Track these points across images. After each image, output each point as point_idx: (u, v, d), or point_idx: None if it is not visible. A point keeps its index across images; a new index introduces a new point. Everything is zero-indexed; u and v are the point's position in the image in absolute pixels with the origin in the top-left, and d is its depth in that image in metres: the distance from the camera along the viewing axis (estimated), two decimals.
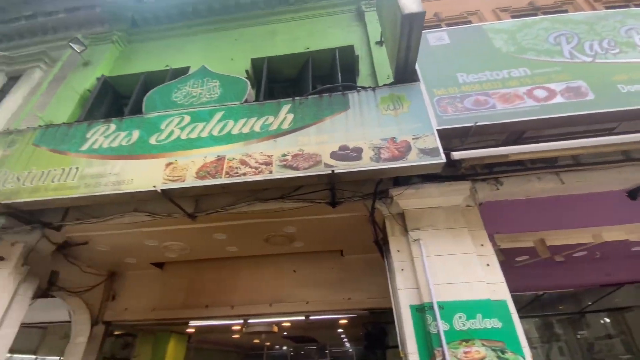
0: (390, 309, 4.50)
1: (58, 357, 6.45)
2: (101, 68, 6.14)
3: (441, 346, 2.85)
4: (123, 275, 6.37)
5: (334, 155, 3.44)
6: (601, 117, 3.58)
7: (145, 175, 3.62)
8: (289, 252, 5.84)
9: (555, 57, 4.02)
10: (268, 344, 12.86)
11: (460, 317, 2.98)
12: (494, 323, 2.93)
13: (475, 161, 3.45)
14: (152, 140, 3.89)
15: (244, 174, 3.41)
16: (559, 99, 3.58)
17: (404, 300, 3.26)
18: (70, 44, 5.61)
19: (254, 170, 3.43)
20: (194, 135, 3.80)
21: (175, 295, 5.98)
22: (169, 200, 3.80)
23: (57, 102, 5.64)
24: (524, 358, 2.87)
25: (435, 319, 2.98)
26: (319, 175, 3.40)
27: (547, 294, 8.16)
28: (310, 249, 5.75)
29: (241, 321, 6.12)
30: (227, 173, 3.45)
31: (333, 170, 3.33)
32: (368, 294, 5.48)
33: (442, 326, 2.94)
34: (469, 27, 4.61)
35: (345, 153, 3.43)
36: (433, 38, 4.41)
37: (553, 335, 9.30)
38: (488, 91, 3.71)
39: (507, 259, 4.37)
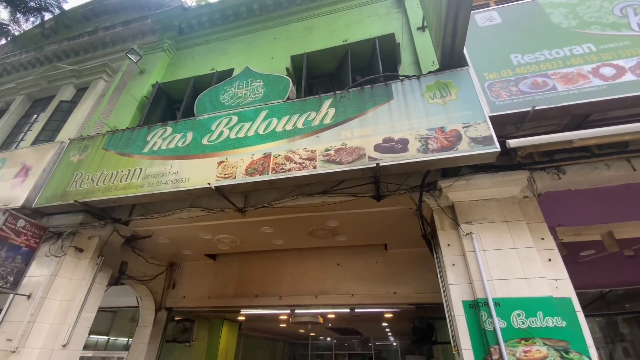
0: (438, 305, 4.39)
1: (127, 338, 7.19)
2: (155, 75, 6.64)
3: (498, 344, 2.73)
4: (181, 265, 6.93)
5: (378, 147, 3.41)
6: None
7: (199, 173, 3.88)
8: (332, 246, 5.92)
9: (623, 31, 3.57)
10: (313, 334, 13.20)
11: (519, 315, 2.82)
12: (557, 322, 2.73)
13: (534, 149, 3.20)
14: (205, 141, 4.15)
15: (289, 170, 3.51)
16: (629, 77, 3.18)
17: (456, 296, 3.16)
18: (128, 55, 6.13)
19: (298, 166, 3.51)
20: (241, 135, 3.99)
21: (227, 285, 6.38)
22: (221, 196, 4.04)
23: (119, 109, 6.22)
24: (589, 358, 2.65)
25: (490, 316, 2.86)
26: (363, 169, 3.39)
27: (613, 291, 7.38)
28: (354, 242, 5.78)
29: (288, 311, 6.36)
30: (273, 169, 3.58)
31: (378, 164, 3.30)
32: (414, 288, 5.39)
33: (499, 323, 2.81)
34: (522, 2, 4.23)
35: (390, 145, 3.37)
36: (482, 18, 4.13)
37: (617, 335, 8.39)
38: (547, 72, 3.40)
39: (570, 254, 4.02)
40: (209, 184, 3.82)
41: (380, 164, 3.32)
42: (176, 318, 6.75)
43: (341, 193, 3.99)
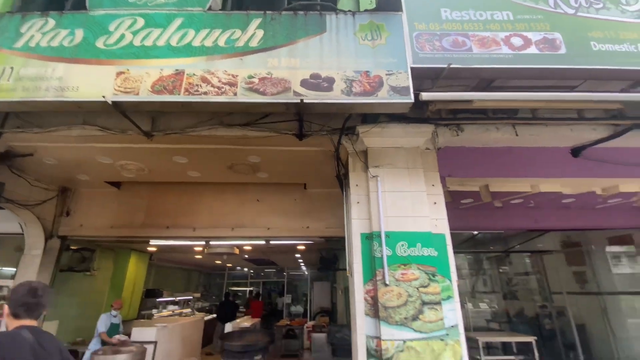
0: (343, 238, 4.89)
1: (14, 268, 6.39)
2: None
3: (383, 268, 3.21)
4: (77, 192, 6.15)
5: (304, 83, 3.29)
6: (569, 74, 3.66)
7: (92, 83, 3.25)
8: (253, 182, 5.90)
9: (540, 4, 3.90)
10: (229, 265, 13.70)
11: (402, 245, 3.32)
12: (431, 252, 3.31)
13: (441, 105, 3.50)
14: (100, 44, 3.42)
15: (205, 93, 3.19)
16: (532, 49, 3.57)
17: (356, 229, 3.53)
18: None
19: (216, 90, 3.20)
20: (148, 43, 3.38)
21: (134, 215, 5.97)
22: (122, 115, 3.53)
23: None
24: (450, 281, 3.34)
25: (380, 246, 3.30)
26: (288, 103, 3.27)
27: (481, 234, 9.29)
28: (275, 180, 5.84)
29: (203, 242, 6.36)
30: (186, 90, 3.20)
31: (302, 100, 3.21)
32: (326, 223, 5.85)
33: (386, 252, 3.27)
34: None
35: (316, 82, 3.28)
36: None
37: (481, 270, 10.90)
38: (468, 32, 3.59)
39: (454, 200, 4.78)
40: (104, 97, 3.25)
41: (305, 101, 3.24)
42: (72, 247, 6.16)
43: (264, 128, 3.86)
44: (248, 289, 15.32)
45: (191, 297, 11.68)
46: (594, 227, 5.94)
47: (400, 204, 3.50)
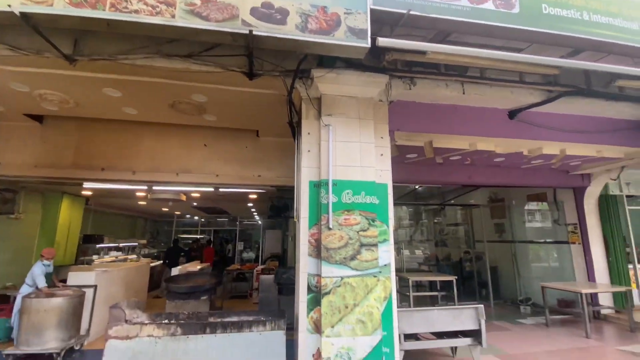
0: (294, 187, 4.93)
1: None
2: None
3: (328, 213, 3.33)
4: None
5: (254, 12, 2.97)
6: (518, 35, 3.76)
7: None
8: (200, 125, 5.53)
9: None
10: (178, 212, 13.34)
11: (347, 193, 3.44)
12: (373, 199, 3.48)
13: (398, 55, 3.44)
14: None
15: (137, 12, 2.74)
16: (489, 5, 3.58)
17: (306, 177, 3.56)
18: None
19: (150, 9, 2.76)
20: None
21: (62, 154, 5.34)
22: (36, 32, 2.94)
23: None
24: (387, 226, 3.61)
25: (327, 193, 3.39)
26: (234, 33, 2.96)
27: (422, 189, 10.08)
28: (224, 124, 5.53)
29: (145, 187, 6.00)
30: (112, 5, 2.71)
31: (251, 31, 2.92)
32: (277, 173, 5.82)
33: (332, 199, 3.38)
34: None
35: (268, 12, 2.98)
36: None
37: (419, 221, 12.01)
38: None
39: (400, 155, 5.00)
40: (9, 6, 2.66)
41: (255, 32, 2.95)
42: None
43: (209, 62, 3.51)
44: (199, 236, 15.23)
45: (136, 244, 11.33)
46: (518, 185, 6.72)
47: (349, 154, 3.55)
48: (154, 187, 6.07)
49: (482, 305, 3.88)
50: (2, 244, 6.18)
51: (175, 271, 6.14)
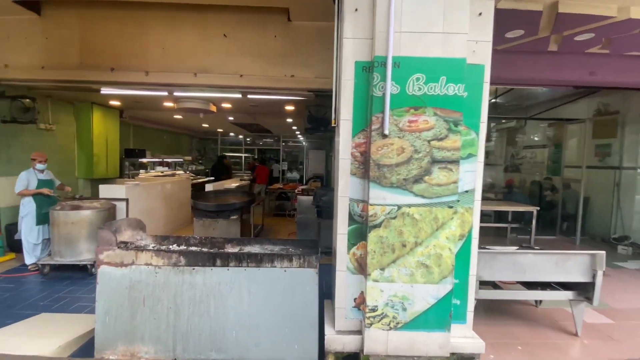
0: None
1: None
2: None
3: (383, 112, 2.15)
4: None
5: None
6: None
7: None
8: (217, 4, 4.26)
9: None
10: (220, 130, 12.96)
11: (417, 80, 2.16)
12: (458, 90, 2.17)
13: None
14: None
15: None
16: None
17: (350, 55, 2.30)
18: None
19: None
20: None
21: (66, 52, 4.58)
22: None
23: None
24: (476, 134, 2.35)
25: (384, 79, 2.15)
26: None
27: (502, 100, 7.97)
28: (247, 2, 4.19)
29: (165, 93, 5.19)
30: None
31: None
32: (315, 71, 4.53)
33: (391, 88, 2.14)
34: None
35: None
36: None
37: (489, 140, 10.02)
38: None
39: (498, 27, 3.33)
40: None
41: None
42: (8, 95, 5.04)
43: None
44: (243, 155, 15.10)
45: (181, 160, 11.38)
46: None
47: (425, 12, 2.14)
48: (176, 93, 5.24)
49: (603, 252, 2.67)
50: None
51: (209, 188, 5.68)
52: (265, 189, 9.90)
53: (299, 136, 14.00)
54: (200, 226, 4.26)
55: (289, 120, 8.75)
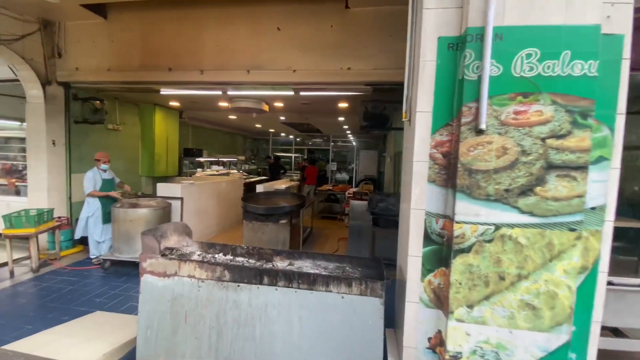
0: (397, 84, 3.19)
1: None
2: None
3: (479, 99, 1.63)
4: (63, 27, 4.93)
5: None
6: None
7: None
8: None
9: None
10: (272, 130, 13.06)
11: (529, 56, 1.60)
12: (589, 69, 1.56)
13: None
14: None
15: None
16: None
17: (431, 29, 1.81)
18: None
19: None
20: None
21: (129, 54, 4.74)
22: None
23: None
24: (611, 131, 1.70)
25: (479, 58, 1.63)
26: None
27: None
28: None
29: (219, 92, 5.14)
30: None
31: None
32: (374, 62, 4.08)
33: (490, 69, 1.61)
34: None
35: None
36: None
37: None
38: None
39: None
40: None
41: None
42: (80, 97, 5.41)
43: None
44: (293, 155, 15.10)
45: (235, 159, 11.66)
46: None
47: None
48: (229, 92, 5.16)
49: None
50: (111, 154, 6.27)
51: (260, 189, 5.54)
52: (315, 190, 9.64)
53: (349, 135, 13.55)
54: (250, 229, 4.07)
55: (341, 119, 8.36)
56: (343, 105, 6.08)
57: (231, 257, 2.41)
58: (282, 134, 14.54)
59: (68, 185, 5.30)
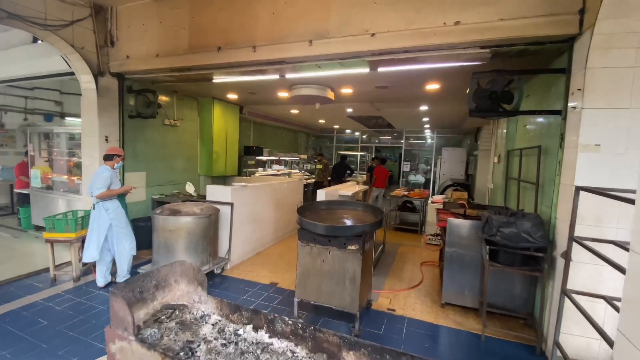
0: (548, 39, 1.80)
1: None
2: None
3: None
4: (115, 11, 4.53)
5: None
6: None
7: None
8: None
9: None
10: (337, 126, 11.97)
11: None
12: None
13: None
14: None
15: None
16: None
17: None
18: None
19: None
20: None
21: (178, 35, 4.08)
22: None
23: None
24: None
25: None
26: None
27: None
28: None
29: (276, 76, 4.19)
30: None
31: None
32: (499, 10, 2.63)
33: None
34: None
35: None
36: None
37: None
38: None
39: None
40: None
41: None
42: (135, 89, 5.01)
43: None
44: (359, 153, 13.79)
45: (297, 158, 10.88)
46: None
47: None
48: (287, 76, 4.17)
49: None
50: (168, 151, 5.83)
51: (321, 194, 4.45)
52: (384, 195, 8.23)
53: (427, 131, 11.74)
54: (306, 254, 2.99)
55: (423, 108, 6.80)
56: (432, 87, 4.62)
57: (267, 341, 1.32)
58: (347, 131, 13.38)
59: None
